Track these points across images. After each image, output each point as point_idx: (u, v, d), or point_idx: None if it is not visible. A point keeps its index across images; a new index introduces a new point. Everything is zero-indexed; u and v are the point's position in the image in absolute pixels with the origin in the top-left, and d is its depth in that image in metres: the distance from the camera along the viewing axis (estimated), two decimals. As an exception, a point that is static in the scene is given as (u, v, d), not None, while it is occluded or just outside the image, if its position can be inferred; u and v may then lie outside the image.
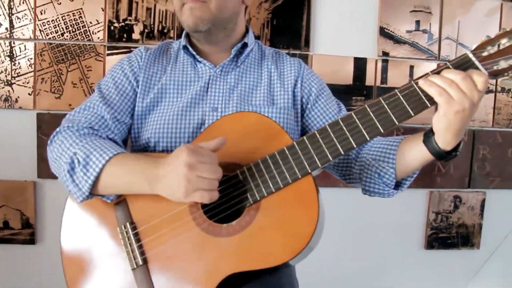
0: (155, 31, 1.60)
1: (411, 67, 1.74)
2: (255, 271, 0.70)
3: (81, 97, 1.58)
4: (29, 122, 1.58)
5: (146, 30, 1.60)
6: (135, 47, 1.58)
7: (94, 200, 0.82)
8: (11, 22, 1.56)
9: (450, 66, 0.70)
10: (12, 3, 1.56)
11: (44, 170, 1.58)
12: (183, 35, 0.95)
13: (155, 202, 0.77)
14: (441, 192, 1.80)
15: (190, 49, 0.91)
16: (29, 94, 1.58)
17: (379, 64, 1.72)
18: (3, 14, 1.56)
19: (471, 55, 0.70)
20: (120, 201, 0.81)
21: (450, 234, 1.84)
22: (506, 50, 0.69)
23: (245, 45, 0.93)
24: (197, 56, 0.91)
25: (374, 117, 0.72)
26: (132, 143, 0.90)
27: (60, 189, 1.59)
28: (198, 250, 0.74)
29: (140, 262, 0.76)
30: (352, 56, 1.70)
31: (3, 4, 1.55)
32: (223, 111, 0.86)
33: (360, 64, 1.70)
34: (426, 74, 0.71)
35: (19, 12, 1.56)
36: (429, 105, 0.70)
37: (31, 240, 1.62)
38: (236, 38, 0.94)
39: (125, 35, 1.59)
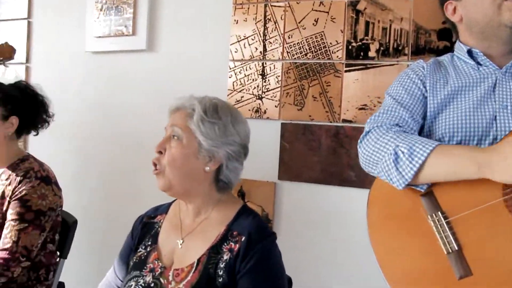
0: (390, 49, 1.72)
1: None
2: None
3: (320, 110, 1.78)
4: (274, 131, 1.83)
5: (381, 48, 1.73)
6: (371, 64, 1.72)
7: (401, 193, 0.91)
8: (264, 46, 1.86)
9: None
10: (266, 31, 1.86)
11: (284, 172, 1.81)
12: (457, 44, 1.07)
13: (463, 193, 0.83)
14: None
15: (478, 52, 1.00)
16: (275, 106, 1.83)
17: None
18: (259, 40, 1.87)
19: None
20: (427, 193, 0.89)
21: None
22: None
23: None
24: (483, 58, 0.99)
25: None
26: None
27: (296, 190, 1.79)
28: None
29: (455, 248, 0.83)
30: None
31: (259, 32, 1.87)
32: None
33: None
34: None
35: (271, 38, 1.85)
36: None
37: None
38: None
39: (361, 53, 1.75)
